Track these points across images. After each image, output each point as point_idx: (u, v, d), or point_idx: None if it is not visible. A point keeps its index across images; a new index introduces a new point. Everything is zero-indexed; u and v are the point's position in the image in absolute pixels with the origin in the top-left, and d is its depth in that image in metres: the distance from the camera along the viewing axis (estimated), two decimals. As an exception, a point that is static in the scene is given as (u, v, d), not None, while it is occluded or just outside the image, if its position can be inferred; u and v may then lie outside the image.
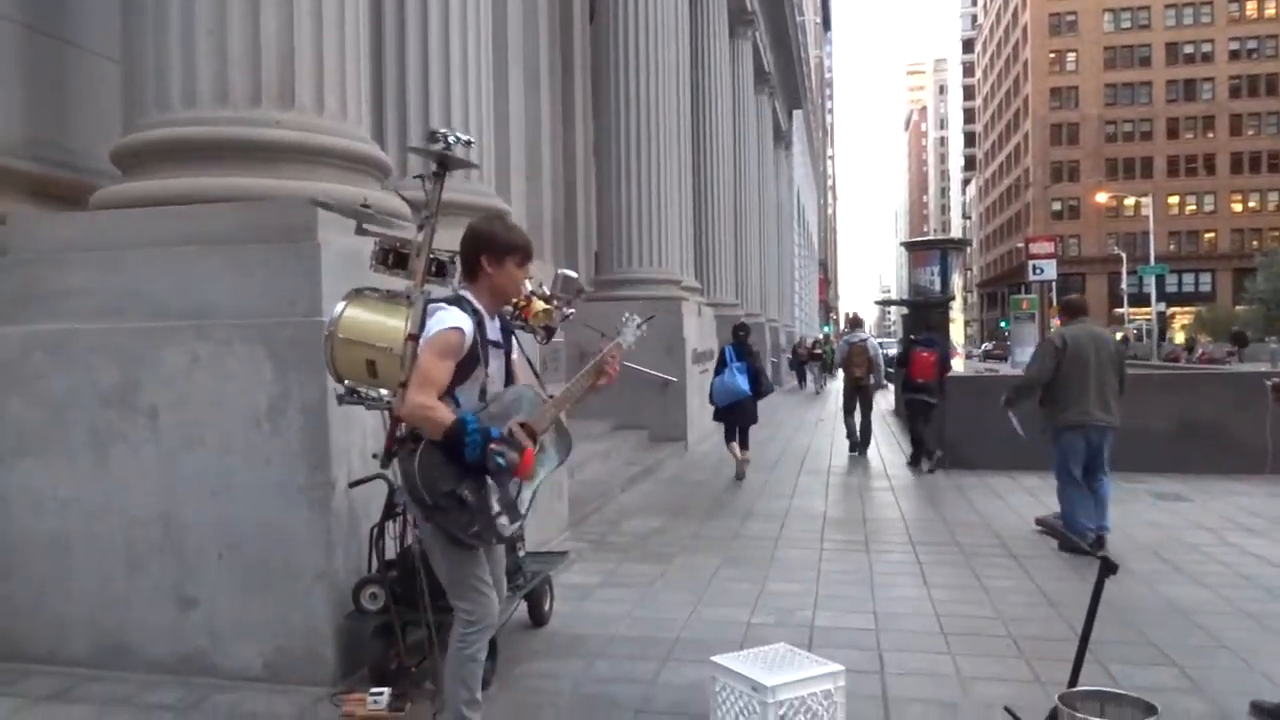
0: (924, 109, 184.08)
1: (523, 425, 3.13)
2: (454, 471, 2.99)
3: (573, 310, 3.56)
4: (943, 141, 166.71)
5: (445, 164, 3.33)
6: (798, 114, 50.63)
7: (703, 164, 19.54)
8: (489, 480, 3.06)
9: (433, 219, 3.33)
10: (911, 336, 14.19)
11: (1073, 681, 3.09)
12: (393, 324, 3.19)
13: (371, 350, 3.19)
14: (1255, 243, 75.66)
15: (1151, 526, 7.44)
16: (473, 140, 3.58)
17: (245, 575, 4.11)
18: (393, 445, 3.20)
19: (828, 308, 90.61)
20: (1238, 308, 67.17)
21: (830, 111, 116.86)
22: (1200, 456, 9.95)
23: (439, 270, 3.47)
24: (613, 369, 3.29)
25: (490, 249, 3.18)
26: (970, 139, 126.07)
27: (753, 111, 28.05)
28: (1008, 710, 3.30)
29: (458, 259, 3.41)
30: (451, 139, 3.31)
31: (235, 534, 4.12)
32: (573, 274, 3.67)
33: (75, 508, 4.28)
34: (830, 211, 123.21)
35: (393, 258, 3.40)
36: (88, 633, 4.27)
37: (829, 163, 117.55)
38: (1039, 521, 7.46)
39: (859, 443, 12.60)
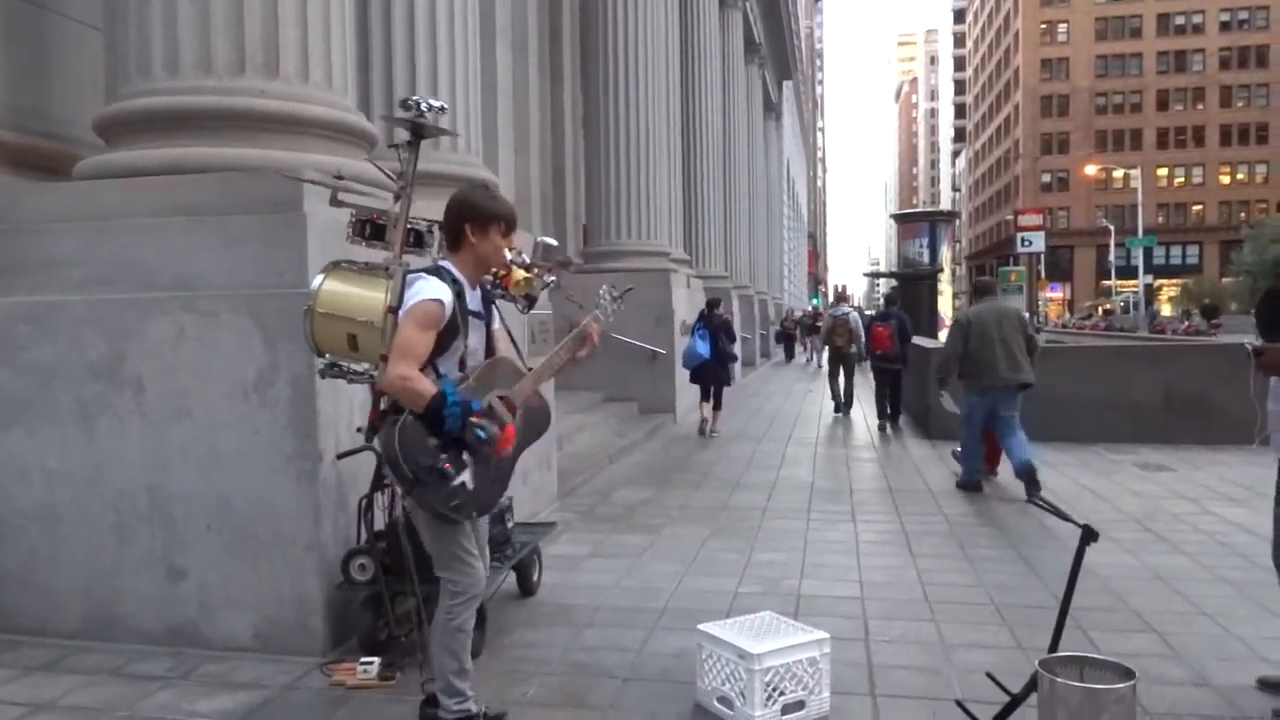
0: (914, 80, 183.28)
1: (502, 398, 3.13)
2: (434, 445, 2.99)
3: (554, 279, 3.54)
4: (933, 113, 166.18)
5: (419, 132, 3.29)
6: (788, 85, 50.38)
7: (692, 135, 19.45)
8: (467, 454, 3.06)
9: (409, 189, 3.29)
10: (870, 313, 16.23)
11: (1053, 647, 3.14)
12: (372, 296, 3.15)
13: (351, 324, 3.15)
14: (1243, 215, 75.93)
15: (1135, 496, 7.52)
16: (446, 107, 3.53)
17: (234, 546, 4.13)
18: (377, 418, 3.20)
19: (817, 280, 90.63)
20: (1224, 280, 67.53)
21: (820, 83, 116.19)
22: (1184, 427, 10.05)
23: (417, 240, 3.43)
24: (592, 340, 3.28)
25: (475, 218, 3.17)
26: (961, 110, 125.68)
27: (743, 82, 27.89)
28: (989, 676, 3.35)
29: (436, 228, 3.38)
30: (424, 105, 3.26)
31: (224, 505, 4.13)
32: (553, 241, 3.63)
33: (63, 479, 4.28)
34: (820, 184, 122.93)
35: (370, 229, 3.35)
36: (78, 604, 4.28)
37: (819, 134, 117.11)
38: (1030, 499, 7.53)
39: (843, 403, 14.20)
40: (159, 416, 4.18)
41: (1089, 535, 3.09)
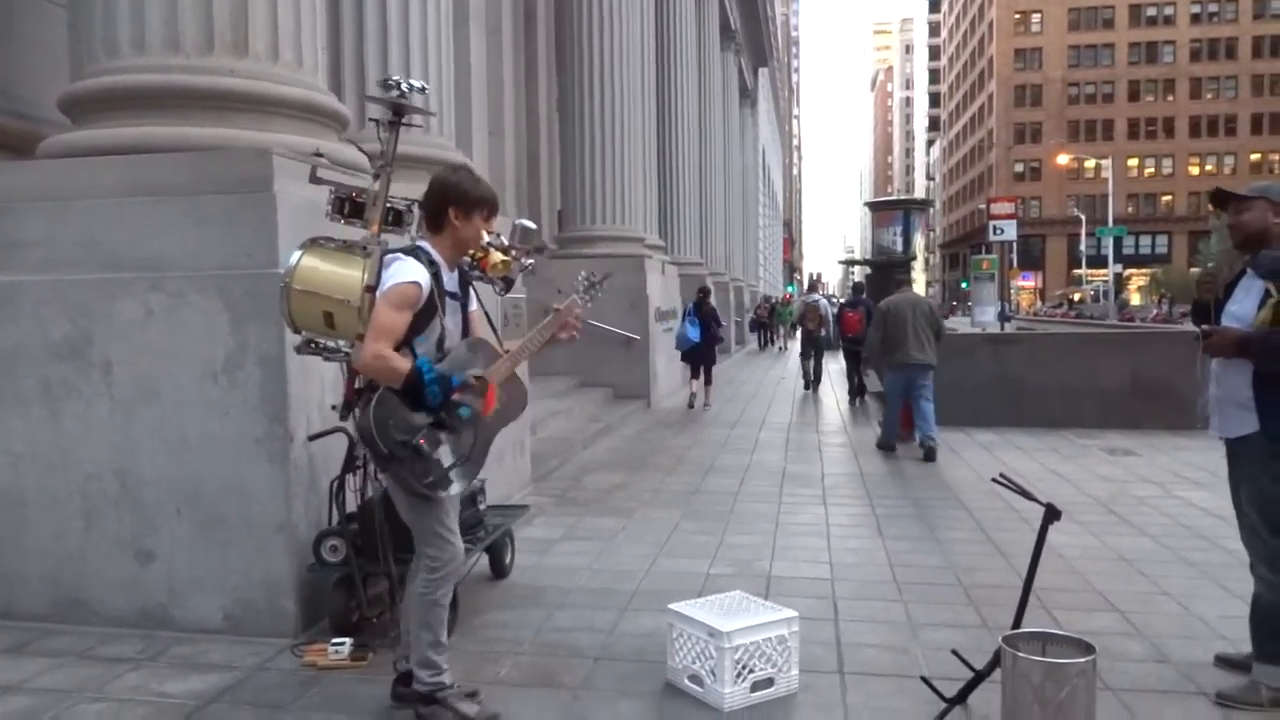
0: (890, 69, 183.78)
1: (478, 379, 3.14)
2: (409, 422, 3.00)
3: (531, 261, 3.54)
4: (908, 102, 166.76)
5: (400, 111, 3.29)
6: (763, 72, 50.37)
7: (667, 121, 19.43)
8: (443, 432, 3.07)
9: (389, 168, 3.30)
10: (841, 300, 18.07)
11: (1016, 624, 3.20)
12: (349, 275, 3.15)
13: (328, 302, 3.15)
14: (1210, 205, 76.85)
15: (1101, 480, 7.64)
16: (428, 88, 3.53)
17: (204, 529, 4.11)
18: (352, 396, 3.20)
19: (792, 268, 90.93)
20: (1192, 270, 68.39)
21: (796, 70, 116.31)
22: (1151, 413, 10.20)
23: (396, 219, 3.43)
24: (572, 325, 3.27)
25: (459, 201, 3.15)
26: (935, 99, 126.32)
27: (718, 68, 27.87)
28: (955, 653, 3.41)
29: (415, 207, 3.37)
30: (406, 86, 3.26)
31: (193, 488, 4.10)
32: (531, 224, 3.63)
33: (28, 462, 4.23)
34: (795, 171, 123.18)
35: (349, 207, 3.36)
36: (45, 587, 4.25)
37: (795, 122, 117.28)
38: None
39: (812, 381, 15.89)
40: (127, 399, 4.15)
41: (1052, 514, 3.15)
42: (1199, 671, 3.69)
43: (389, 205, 3.35)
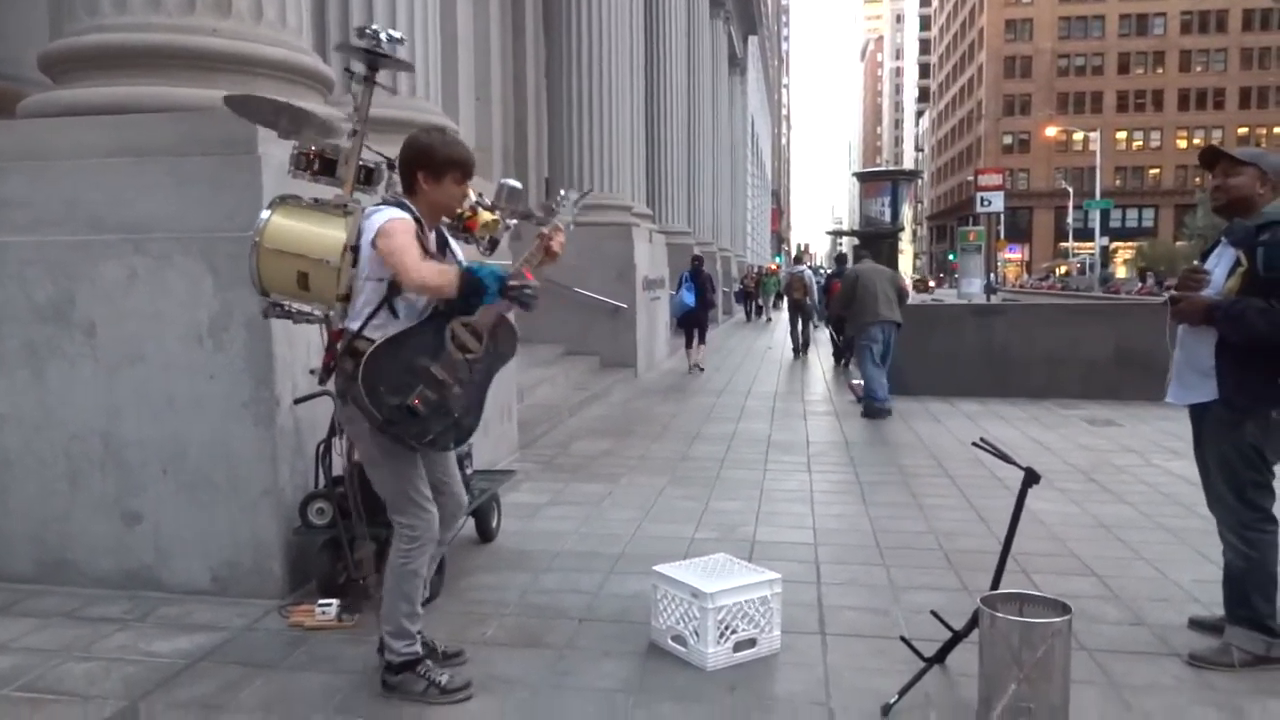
0: (880, 39, 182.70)
1: (466, 324, 3.06)
2: (401, 383, 2.97)
3: (516, 221, 3.50)
4: (898, 72, 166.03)
5: (374, 64, 3.20)
6: (753, 41, 50.00)
7: (656, 88, 19.29)
8: (451, 387, 3.03)
9: (363, 124, 3.22)
10: (828, 270, 19.49)
11: (994, 585, 3.25)
12: (329, 234, 3.04)
13: (304, 261, 3.04)
14: (1198, 179, 77.03)
15: (1083, 450, 7.71)
16: (404, 39, 3.46)
17: (191, 491, 4.11)
18: (330, 361, 3.13)
19: (780, 238, 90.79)
20: (1178, 243, 68.72)
21: (786, 39, 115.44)
22: (1133, 383, 10.27)
23: (367, 177, 3.35)
24: (556, 248, 3.14)
25: (428, 164, 3.07)
26: (925, 70, 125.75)
27: (707, 36, 27.65)
28: (934, 614, 3.46)
29: (386, 165, 3.31)
30: (383, 36, 3.16)
31: (179, 450, 4.11)
32: (516, 184, 3.57)
33: (13, 423, 4.23)
34: (784, 141, 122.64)
35: (318, 163, 3.26)
36: (30, 548, 4.25)
37: (784, 92, 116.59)
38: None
39: (799, 346, 16.96)
40: (111, 360, 4.13)
41: (1031, 477, 3.19)
42: (1173, 634, 3.76)
43: (360, 163, 3.28)
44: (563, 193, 3.28)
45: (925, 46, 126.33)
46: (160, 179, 4.11)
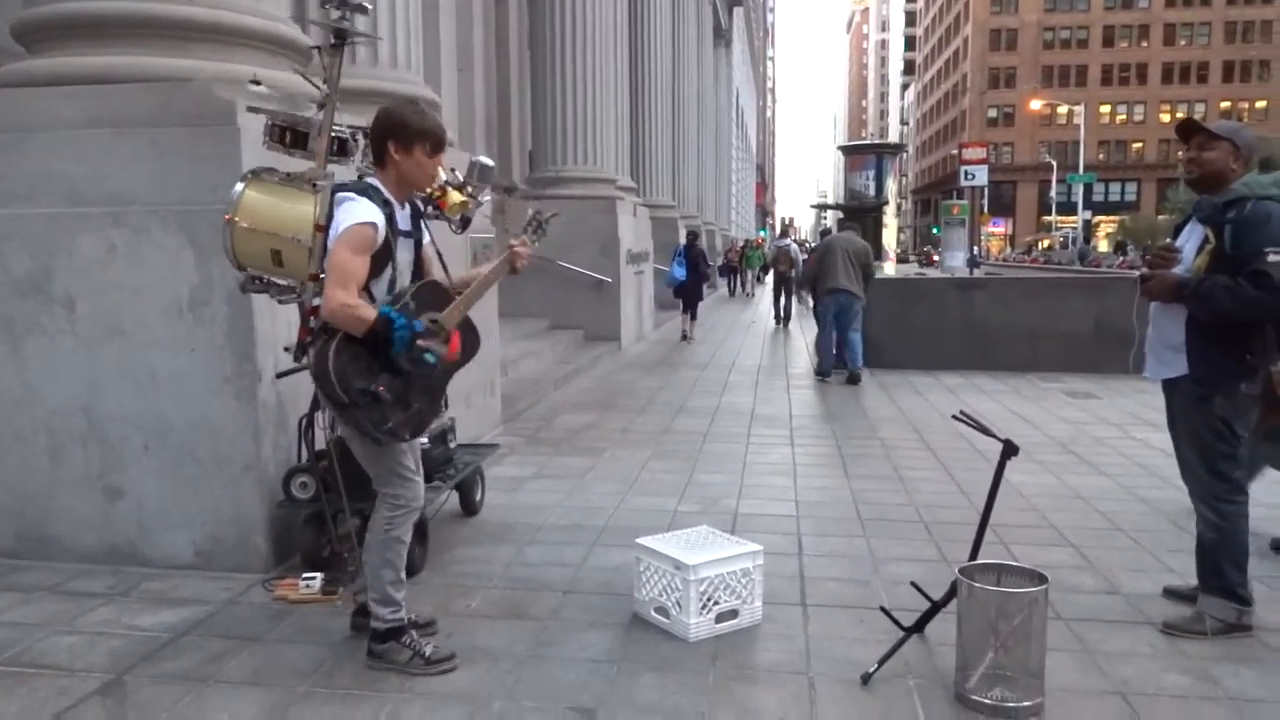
0: (866, 10, 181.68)
1: (433, 321, 3.09)
2: (368, 368, 2.95)
3: (489, 198, 3.48)
4: (884, 45, 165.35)
5: (341, 34, 3.16)
6: (738, 12, 49.66)
7: (640, 60, 19.16)
8: (409, 377, 3.04)
9: (333, 95, 3.18)
10: (809, 243, 20.85)
11: (973, 555, 3.29)
12: (297, 212, 3.01)
13: (276, 240, 3.02)
14: (1179, 153, 77.14)
15: (1063, 422, 7.79)
16: (368, 7, 3.42)
17: (173, 466, 4.10)
18: (305, 337, 3.11)
19: (765, 212, 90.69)
20: (1160, 217, 69.03)
21: (771, 11, 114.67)
22: (1113, 357, 10.35)
23: (340, 149, 3.32)
24: (521, 264, 3.20)
25: (398, 135, 3.03)
26: (911, 43, 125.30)
27: (692, 7, 27.44)
28: (914, 585, 3.51)
29: (360, 135, 3.28)
30: (354, 1, 3.13)
31: (161, 425, 4.09)
32: (489, 161, 3.53)
33: (-8, 398, 4.20)
34: (769, 114, 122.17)
35: (290, 136, 3.22)
36: (11, 523, 4.24)
37: (769, 64, 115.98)
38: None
39: (782, 318, 17.90)
40: (91, 335, 4.10)
41: (1009, 449, 3.22)
42: (1148, 603, 3.83)
43: (332, 134, 3.24)
44: (532, 211, 3.35)
45: (911, 19, 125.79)
46: (139, 151, 4.06)
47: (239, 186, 3.13)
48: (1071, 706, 2.97)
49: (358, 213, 2.94)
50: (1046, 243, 64.92)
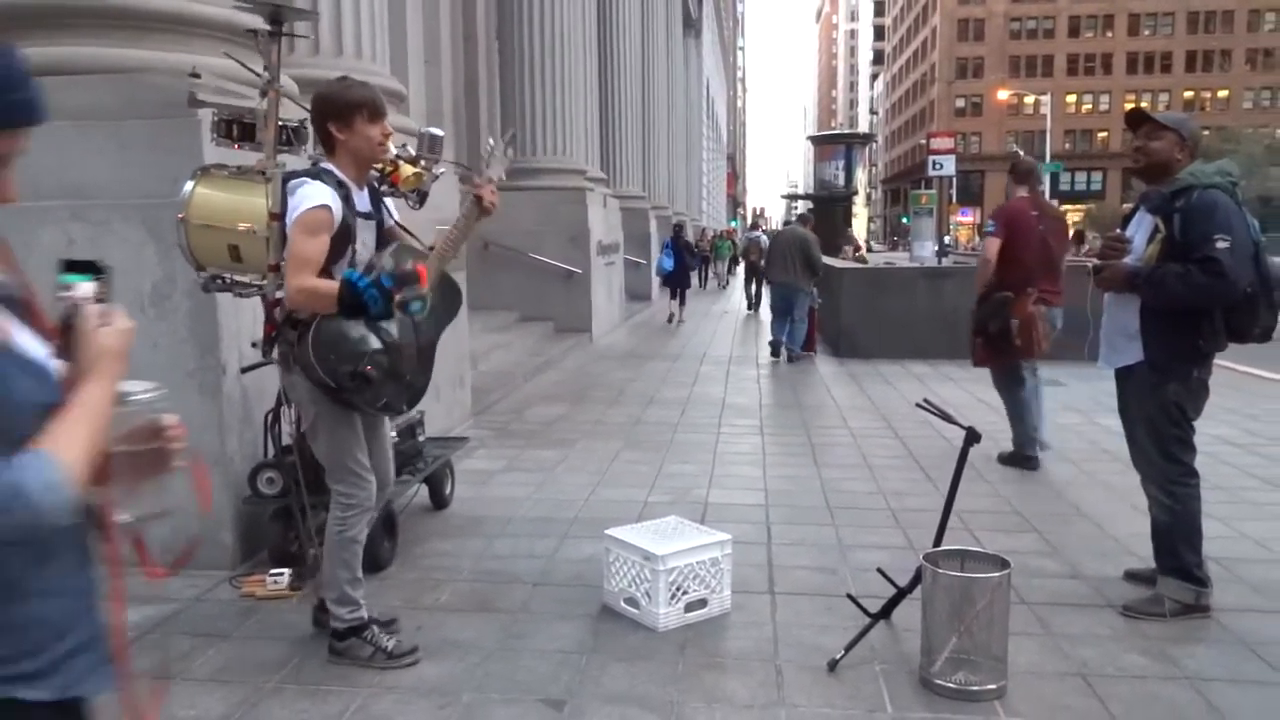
0: (835, 0, 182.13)
1: (405, 273, 3.04)
2: (351, 350, 2.95)
3: (443, 170, 3.44)
4: (853, 34, 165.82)
5: (278, 17, 3.11)
6: (708, 1, 49.61)
7: (609, 50, 19.09)
8: (398, 349, 3.01)
9: (275, 83, 3.13)
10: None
11: (937, 541, 3.34)
12: (251, 203, 2.98)
13: (232, 234, 2.99)
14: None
15: (1028, 409, 7.87)
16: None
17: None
18: (272, 331, 3.08)
19: (735, 202, 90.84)
20: (1124, 205, 69.80)
21: (741, 0, 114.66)
22: (1078, 345, 10.48)
23: (289, 139, 3.27)
24: (489, 204, 3.11)
25: (333, 112, 2.98)
26: (880, 33, 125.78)
27: (661, -3, 27.36)
28: (880, 571, 3.55)
29: (309, 124, 3.25)
30: None
31: (124, 421, 4.03)
32: (438, 132, 3.47)
33: (-50, 396, 4.12)
34: (740, 104, 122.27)
35: (237, 129, 3.16)
36: (-28, 522, 4.17)
37: (739, 54, 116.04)
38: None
39: (753, 304, 18.92)
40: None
41: (972, 437, 3.26)
42: (1109, 586, 3.90)
43: (281, 124, 3.19)
44: (491, 142, 3.20)
45: (880, 9, 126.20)
46: (99, 143, 4.01)
47: (188, 185, 3.09)
48: (1033, 688, 3.02)
49: (311, 196, 2.89)
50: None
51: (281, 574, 3.82)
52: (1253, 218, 3.49)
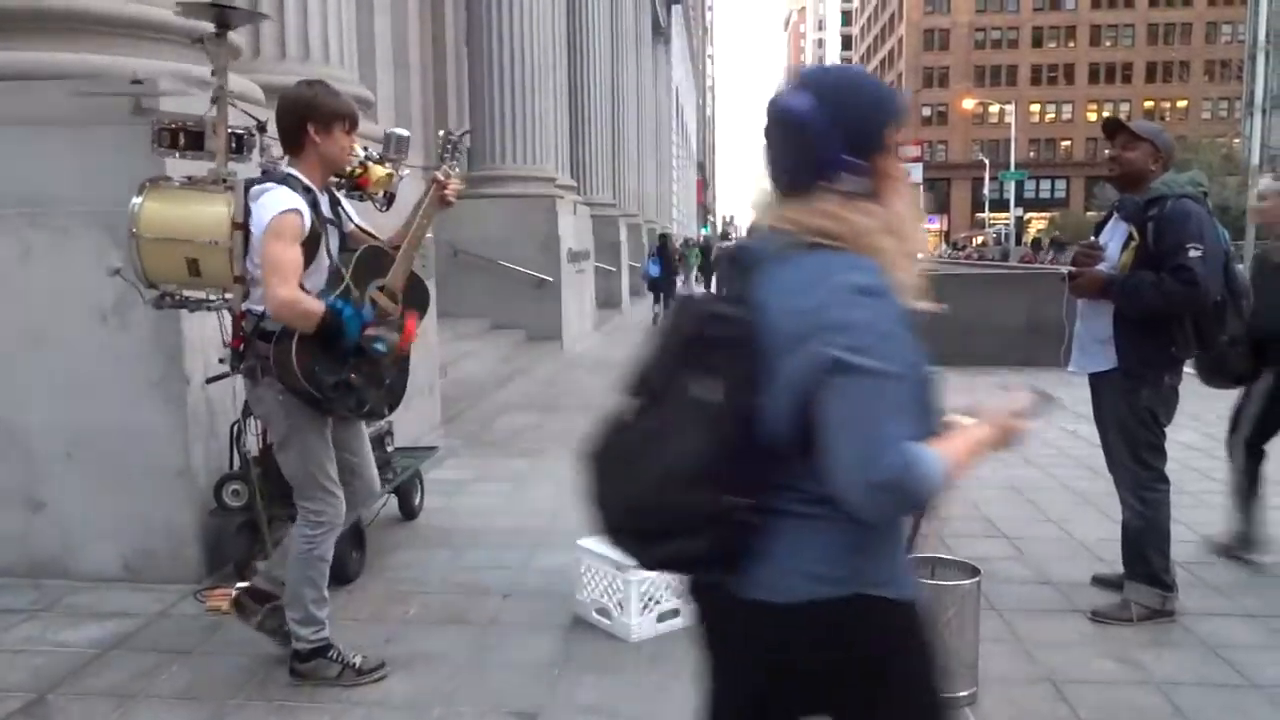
0: (803, 9, 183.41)
1: (381, 288, 3.02)
2: (333, 360, 2.90)
3: (408, 171, 3.40)
4: (821, 43, 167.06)
5: (225, 20, 3.06)
6: (677, 10, 49.77)
7: (579, 58, 19.09)
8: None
9: (223, 89, 3.07)
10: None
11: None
12: (212, 212, 2.90)
13: (191, 247, 2.90)
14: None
15: (995, 415, 7.95)
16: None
17: (99, 476, 3.98)
18: (241, 345, 3.01)
19: (706, 210, 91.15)
20: (1088, 213, 70.87)
21: (710, 9, 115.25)
22: (1045, 350, 10.58)
23: (238, 146, 3.19)
24: (451, 195, 3.08)
25: (317, 116, 2.93)
26: (848, 42, 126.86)
27: (630, 2, 27.42)
28: (852, 580, 3.55)
29: (257, 131, 3.19)
30: None
31: (86, 434, 3.96)
32: (404, 132, 3.43)
33: (-96, 409, 4.02)
34: (709, 112, 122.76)
35: (183, 138, 3.07)
36: (-74, 538, 4.07)
37: (708, 62, 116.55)
38: None
39: None
40: (9, 343, 3.96)
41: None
42: (1077, 591, 3.93)
43: (230, 130, 3.11)
44: (442, 133, 3.16)
45: (847, 18, 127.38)
46: (58, 149, 3.93)
47: (136, 199, 2.99)
48: (1003, 695, 3.03)
49: (279, 201, 2.83)
50: (980, 239, 66.22)
51: (247, 587, 3.75)
52: (1222, 227, 3.55)
